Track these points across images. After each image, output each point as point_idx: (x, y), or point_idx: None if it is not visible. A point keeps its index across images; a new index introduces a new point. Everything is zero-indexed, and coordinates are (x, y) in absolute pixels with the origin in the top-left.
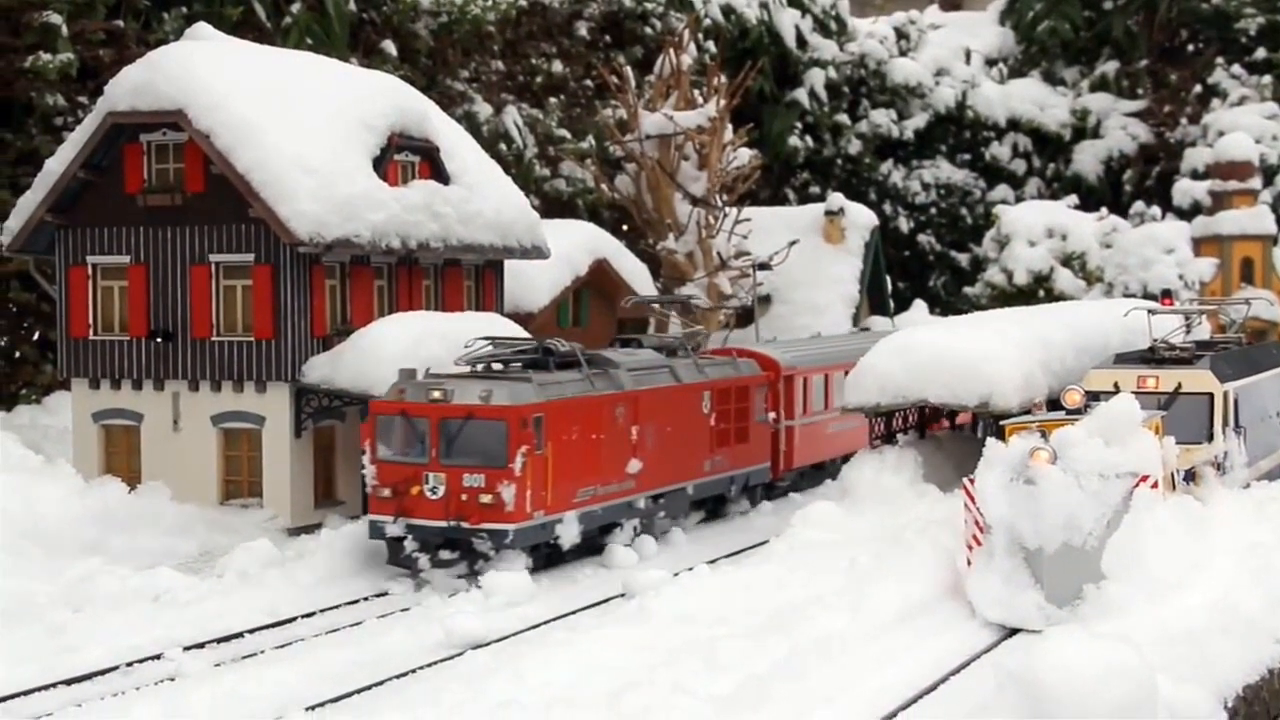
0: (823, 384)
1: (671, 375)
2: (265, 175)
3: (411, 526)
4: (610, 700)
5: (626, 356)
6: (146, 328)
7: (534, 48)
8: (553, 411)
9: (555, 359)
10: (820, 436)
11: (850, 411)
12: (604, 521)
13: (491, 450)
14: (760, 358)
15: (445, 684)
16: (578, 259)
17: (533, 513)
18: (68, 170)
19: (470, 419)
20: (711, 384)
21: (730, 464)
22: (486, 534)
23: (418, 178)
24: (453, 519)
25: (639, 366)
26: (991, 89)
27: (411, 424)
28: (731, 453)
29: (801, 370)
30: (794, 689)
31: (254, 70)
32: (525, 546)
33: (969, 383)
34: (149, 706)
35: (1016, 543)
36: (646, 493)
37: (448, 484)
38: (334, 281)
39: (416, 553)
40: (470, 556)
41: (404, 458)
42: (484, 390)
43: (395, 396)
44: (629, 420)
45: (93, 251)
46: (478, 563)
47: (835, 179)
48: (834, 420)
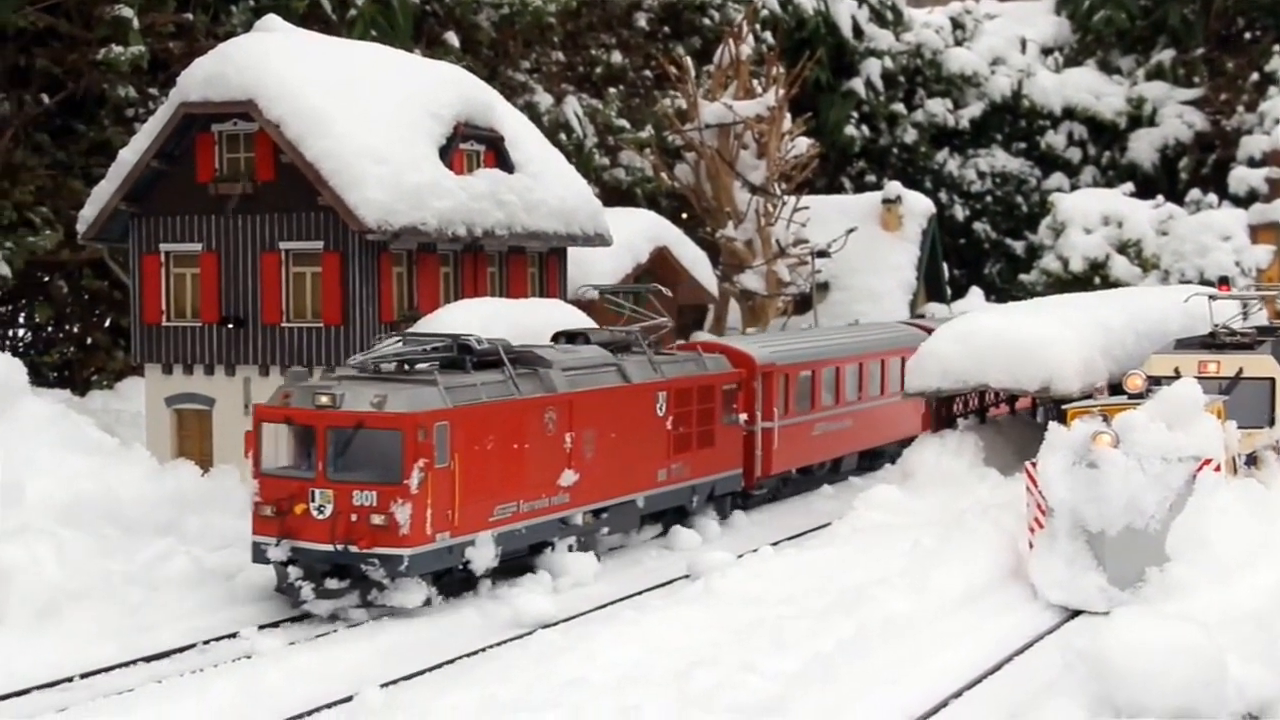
0: (809, 381)
1: (619, 374)
2: (334, 164)
3: (297, 550)
4: (679, 678)
5: (563, 354)
6: (218, 314)
7: (594, 39)
8: (462, 418)
9: (473, 357)
10: (806, 439)
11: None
12: (530, 541)
13: (385, 464)
14: (733, 353)
15: (516, 662)
16: (639, 246)
17: (434, 535)
18: (141, 160)
19: (360, 428)
20: (668, 383)
21: (691, 472)
22: (378, 560)
23: (483, 166)
24: (340, 542)
25: (577, 365)
26: (1047, 78)
27: (297, 433)
28: (693, 460)
29: (783, 366)
30: (860, 668)
31: (323, 61)
32: (426, 573)
33: (1030, 367)
34: (225, 683)
35: (1079, 525)
36: (584, 507)
37: (336, 502)
38: (401, 268)
39: (300, 581)
40: (363, 585)
41: (289, 472)
42: (377, 395)
43: (280, 401)
44: (562, 426)
45: (166, 239)
46: (370, 593)
47: (891, 168)
48: (823, 420)
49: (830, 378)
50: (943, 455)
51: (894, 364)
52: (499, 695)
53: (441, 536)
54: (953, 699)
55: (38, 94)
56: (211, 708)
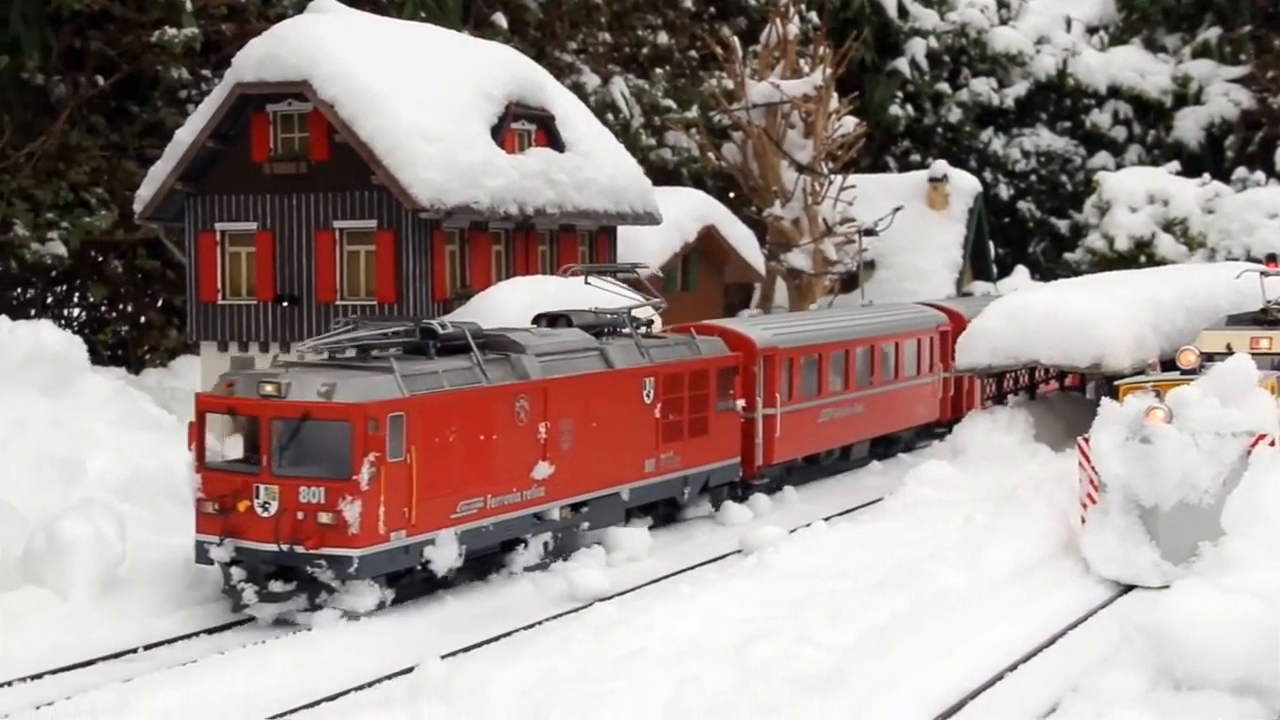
0: (815, 365)
1: (601, 359)
2: (388, 143)
3: (241, 550)
4: (737, 650)
5: (539, 338)
6: (273, 292)
7: (640, 19)
8: (420, 408)
9: (437, 342)
10: (811, 426)
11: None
12: (499, 539)
13: (333, 458)
14: (731, 335)
15: (573, 634)
16: (687, 225)
17: (388, 534)
18: (197, 140)
19: (307, 420)
20: (657, 369)
21: (683, 462)
22: (326, 561)
23: (534, 145)
24: (286, 542)
25: (555, 350)
26: (1092, 57)
27: (240, 425)
28: (685, 449)
29: (786, 349)
30: (915, 641)
31: (376, 41)
32: (379, 575)
33: (1081, 344)
34: (286, 655)
35: (1132, 500)
36: (561, 501)
37: (281, 499)
38: (453, 247)
39: (243, 583)
40: (311, 588)
41: (234, 466)
42: (325, 384)
43: (223, 390)
44: (536, 415)
45: (221, 219)
46: (320, 596)
47: (936, 147)
48: (830, 406)
49: (839, 361)
50: (993, 431)
51: (909, 346)
52: (559, 667)
53: (396, 535)
54: (1008, 672)
55: (92, 76)
56: (273, 679)
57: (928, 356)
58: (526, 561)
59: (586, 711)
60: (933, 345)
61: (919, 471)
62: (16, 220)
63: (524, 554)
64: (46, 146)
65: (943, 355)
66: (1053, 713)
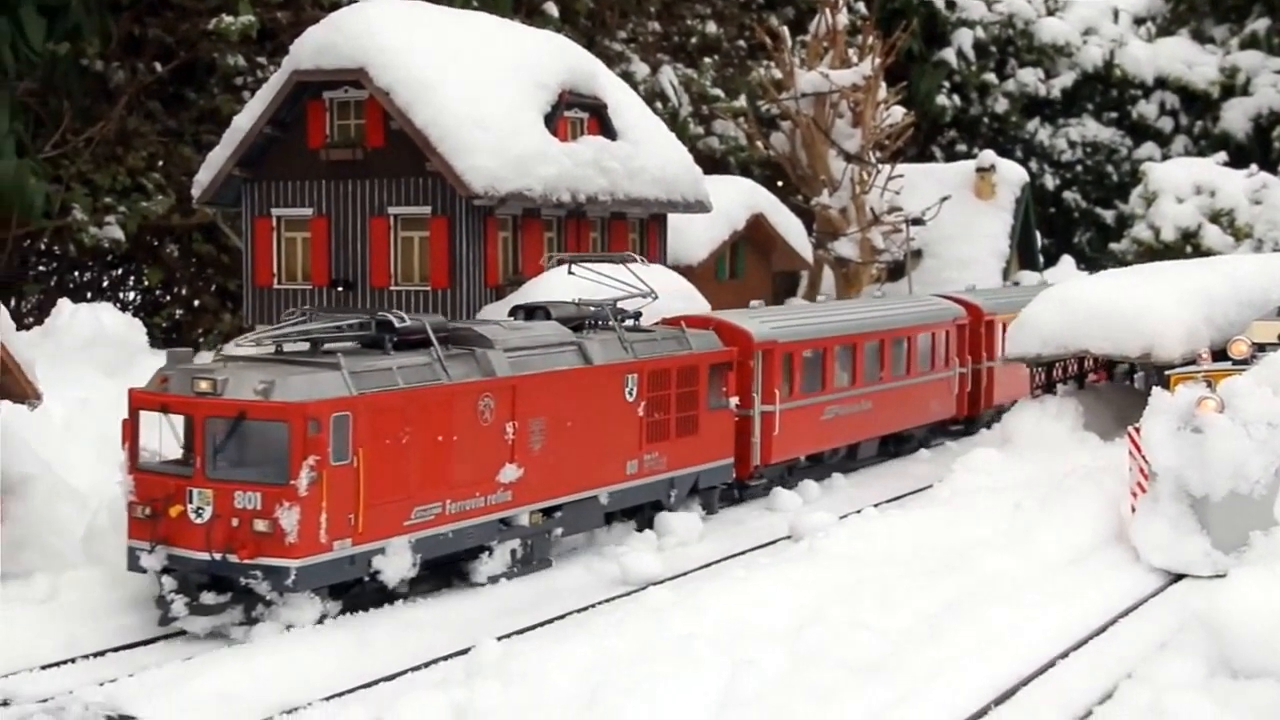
0: (819, 360)
1: (579, 355)
2: (442, 131)
3: (173, 558)
4: (790, 634)
5: (510, 332)
6: (328, 277)
7: (689, 9)
8: (369, 408)
9: (394, 336)
10: (814, 423)
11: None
12: (460, 546)
13: (270, 461)
14: (727, 329)
15: (628, 617)
16: (736, 214)
17: (331, 543)
18: (255, 126)
19: (243, 419)
20: (641, 364)
21: (670, 463)
22: (261, 572)
23: (587, 133)
24: (219, 551)
25: (526, 345)
26: (1139, 47)
27: (174, 424)
28: (672, 449)
29: (786, 343)
30: (967, 627)
31: (431, 30)
32: (320, 587)
33: (1131, 334)
34: (343, 634)
35: (1183, 490)
36: (531, 505)
37: (215, 504)
38: (506, 233)
39: (173, 594)
40: (247, 600)
41: (167, 468)
42: (263, 381)
43: (157, 385)
44: (503, 414)
45: (277, 204)
46: (256, 609)
47: (982, 137)
48: (835, 403)
49: (845, 356)
50: (1042, 420)
51: (922, 340)
52: (613, 649)
53: (340, 544)
54: (1060, 659)
55: (150, 62)
56: (330, 656)
57: (943, 351)
58: (491, 570)
59: (641, 694)
60: (949, 339)
61: (968, 459)
62: (75, 205)
63: (489, 562)
64: (105, 132)
65: (960, 349)
66: (1109, 699)
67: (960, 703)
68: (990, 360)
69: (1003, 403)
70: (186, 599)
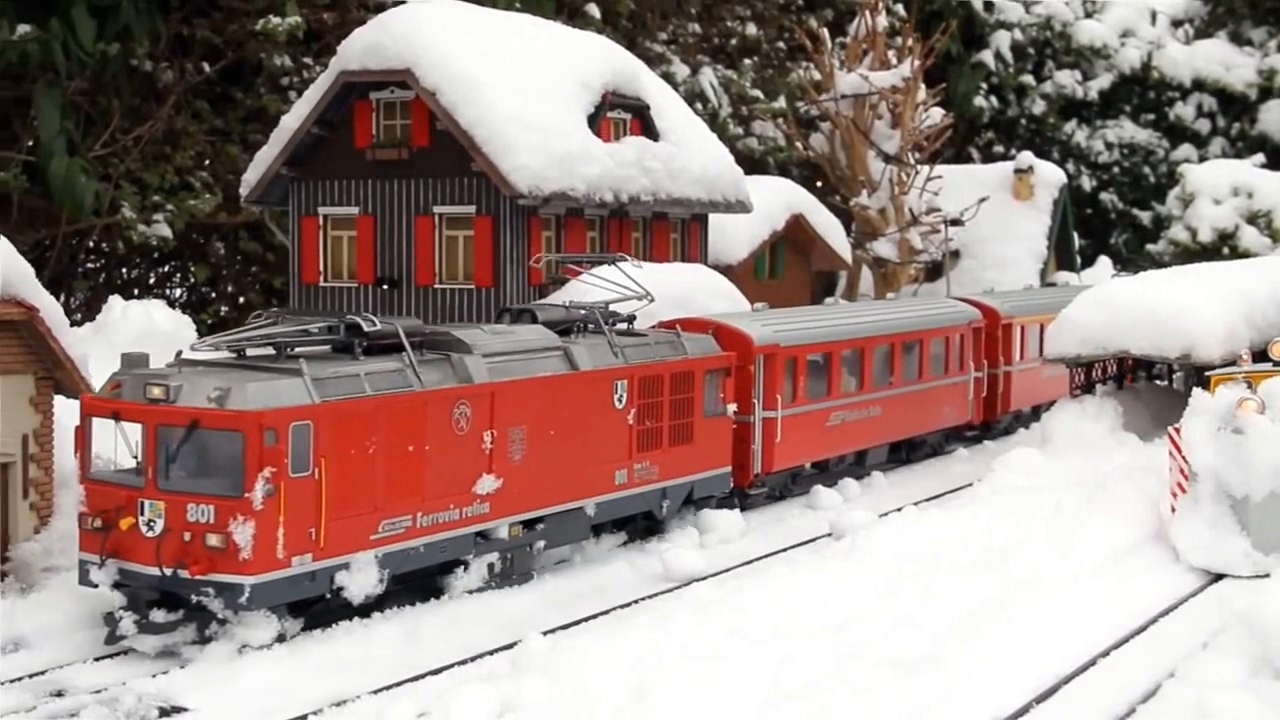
0: (824, 364)
1: (564, 360)
2: (487, 131)
3: (125, 572)
4: (832, 631)
5: (490, 336)
6: (373, 275)
7: (729, 11)
8: (332, 416)
9: (364, 340)
10: (818, 430)
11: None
12: (433, 560)
13: (224, 473)
14: (726, 332)
15: (673, 613)
16: (775, 214)
17: (289, 558)
18: (302, 126)
19: (195, 428)
20: (631, 370)
21: (662, 473)
22: (213, 589)
23: (629, 134)
24: (170, 566)
25: (507, 350)
26: (1177, 50)
27: (126, 432)
28: (665, 458)
29: (789, 347)
30: (1008, 625)
31: (476, 31)
32: (277, 605)
33: (1171, 335)
34: (389, 628)
35: (1223, 490)
36: (511, 518)
37: (167, 517)
38: (550, 232)
39: (122, 611)
40: (200, 618)
41: (119, 477)
42: (218, 388)
43: (109, 392)
44: (480, 422)
45: (324, 203)
46: (210, 627)
47: (1019, 138)
48: (841, 409)
49: (853, 360)
50: (1082, 420)
51: (936, 344)
52: (658, 644)
53: (300, 560)
54: (1101, 658)
55: (198, 63)
56: (378, 650)
57: (958, 355)
58: (468, 585)
59: (686, 688)
60: (964, 343)
61: (1008, 458)
62: (124, 202)
63: (464, 577)
64: (153, 131)
65: (976, 353)
66: (1152, 698)
67: (1002, 700)
68: (1008, 364)
69: (1021, 408)
70: (136, 616)
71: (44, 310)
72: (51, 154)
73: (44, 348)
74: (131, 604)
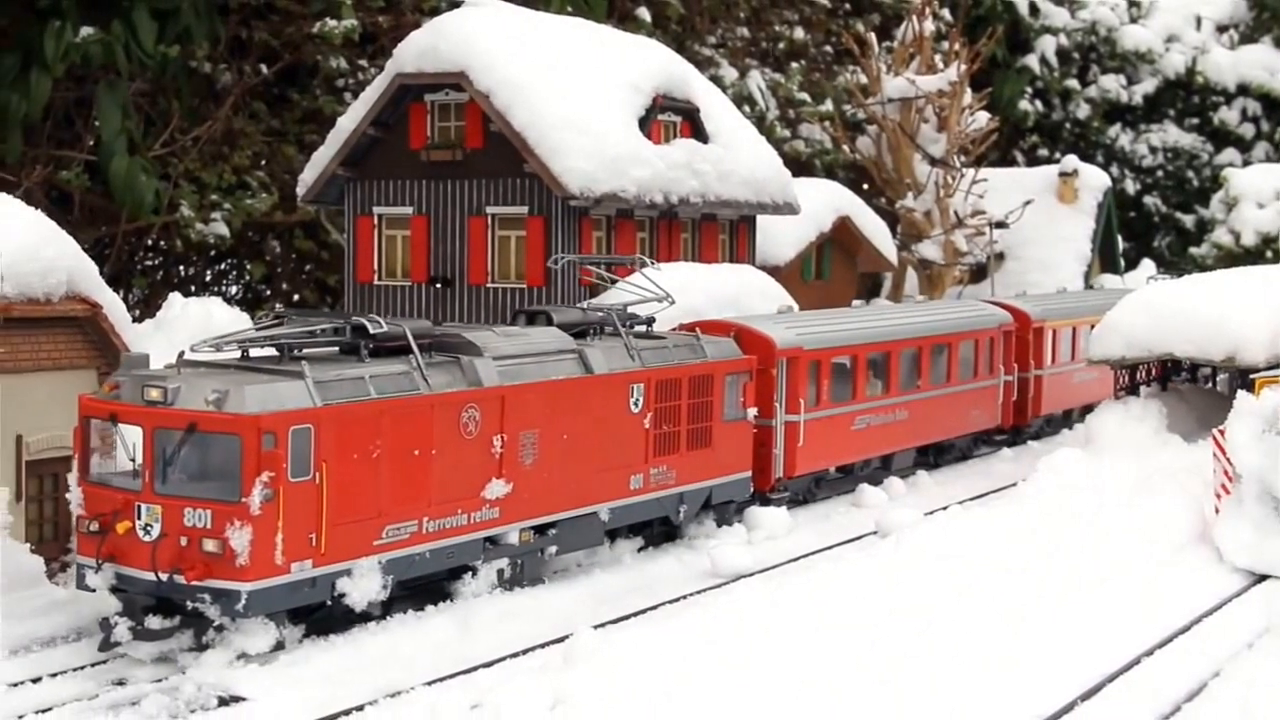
0: (849, 367)
1: (578, 363)
2: (540, 133)
3: (121, 577)
4: (877, 627)
5: (501, 339)
6: (426, 274)
7: (777, 15)
8: (335, 420)
9: (370, 342)
10: (843, 434)
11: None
12: (440, 566)
13: (221, 477)
14: (748, 335)
15: (719, 608)
16: (822, 216)
17: (288, 564)
18: (358, 127)
19: (193, 431)
20: (648, 374)
21: (680, 477)
22: (210, 595)
23: (679, 137)
24: (166, 571)
25: (518, 353)
26: (1222, 55)
27: (123, 435)
28: (683, 462)
29: (812, 350)
30: (1052, 624)
31: (529, 34)
32: (275, 611)
33: (1216, 338)
34: (444, 620)
35: (1267, 492)
36: (521, 523)
37: (164, 521)
38: (600, 233)
39: (117, 616)
40: (197, 624)
41: (117, 480)
42: (216, 390)
43: (107, 393)
44: (490, 426)
45: (379, 203)
46: (207, 634)
47: (1063, 142)
48: (867, 413)
49: (879, 363)
50: (1126, 421)
51: (965, 347)
52: (705, 639)
53: (300, 566)
54: (1145, 657)
55: (256, 65)
56: (433, 642)
57: (987, 358)
58: (476, 590)
59: (733, 682)
60: (993, 346)
61: (1052, 459)
62: (183, 201)
63: (472, 582)
64: (212, 131)
65: (1006, 357)
66: (1198, 696)
67: (1046, 698)
68: (1039, 368)
69: (1053, 412)
70: (131, 622)
71: (107, 307)
72: (113, 153)
73: (106, 344)
74: (127, 609)
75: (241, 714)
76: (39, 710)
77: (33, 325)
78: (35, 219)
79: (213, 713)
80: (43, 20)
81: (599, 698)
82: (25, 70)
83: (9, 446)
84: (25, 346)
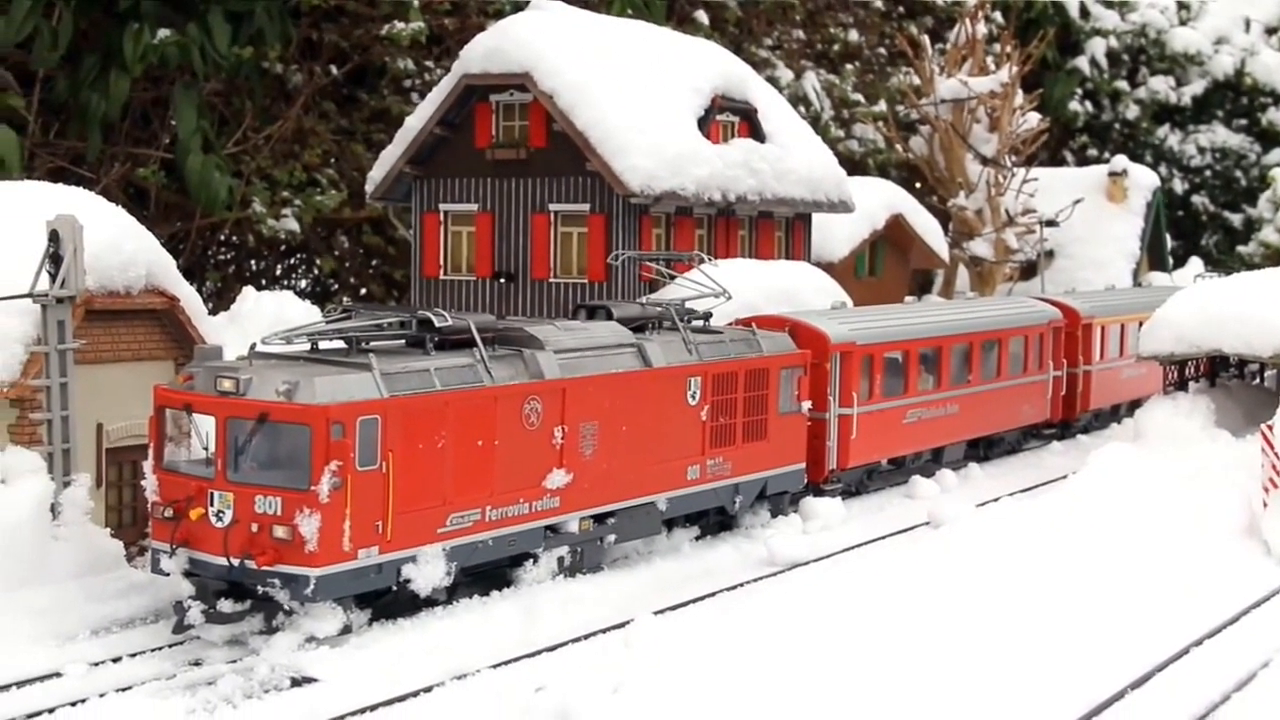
0: (902, 362)
1: (637, 356)
2: (602, 133)
3: (194, 561)
4: (928, 616)
5: (562, 333)
6: (491, 269)
7: (832, 17)
8: (401, 411)
9: (435, 336)
10: (895, 427)
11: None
12: (502, 554)
13: (292, 465)
14: (803, 330)
15: (775, 596)
16: (876, 214)
17: (355, 551)
18: (425, 126)
19: (264, 421)
20: (705, 367)
21: (736, 468)
22: (279, 580)
23: (737, 136)
24: (237, 556)
25: (580, 346)
26: (1271, 57)
27: (197, 424)
28: (739, 454)
29: (865, 345)
30: (1101, 614)
31: (592, 36)
32: (343, 596)
33: (1264, 334)
34: (508, 606)
35: None
36: (581, 512)
37: (236, 508)
38: (660, 230)
39: (190, 600)
40: (267, 607)
41: (191, 468)
42: (287, 382)
43: (181, 384)
44: (551, 418)
45: (445, 200)
46: (277, 617)
47: (1113, 143)
48: (918, 406)
49: (930, 358)
50: (1175, 416)
51: (1015, 343)
52: (762, 626)
53: (366, 553)
54: (1193, 647)
55: (326, 66)
56: (497, 629)
57: (1037, 354)
58: (538, 578)
59: (789, 668)
60: (1043, 342)
61: (1101, 453)
62: (255, 198)
63: (534, 570)
64: (283, 130)
65: (1055, 352)
66: (1246, 686)
67: (1096, 686)
68: (1088, 364)
69: (1101, 407)
70: (204, 606)
71: (184, 300)
72: (188, 151)
73: (184, 335)
74: (200, 593)
75: (314, 694)
76: (119, 689)
77: (113, 318)
78: (115, 214)
79: (286, 693)
80: (122, 23)
81: (659, 682)
82: (105, 71)
83: (90, 434)
84: (105, 338)
